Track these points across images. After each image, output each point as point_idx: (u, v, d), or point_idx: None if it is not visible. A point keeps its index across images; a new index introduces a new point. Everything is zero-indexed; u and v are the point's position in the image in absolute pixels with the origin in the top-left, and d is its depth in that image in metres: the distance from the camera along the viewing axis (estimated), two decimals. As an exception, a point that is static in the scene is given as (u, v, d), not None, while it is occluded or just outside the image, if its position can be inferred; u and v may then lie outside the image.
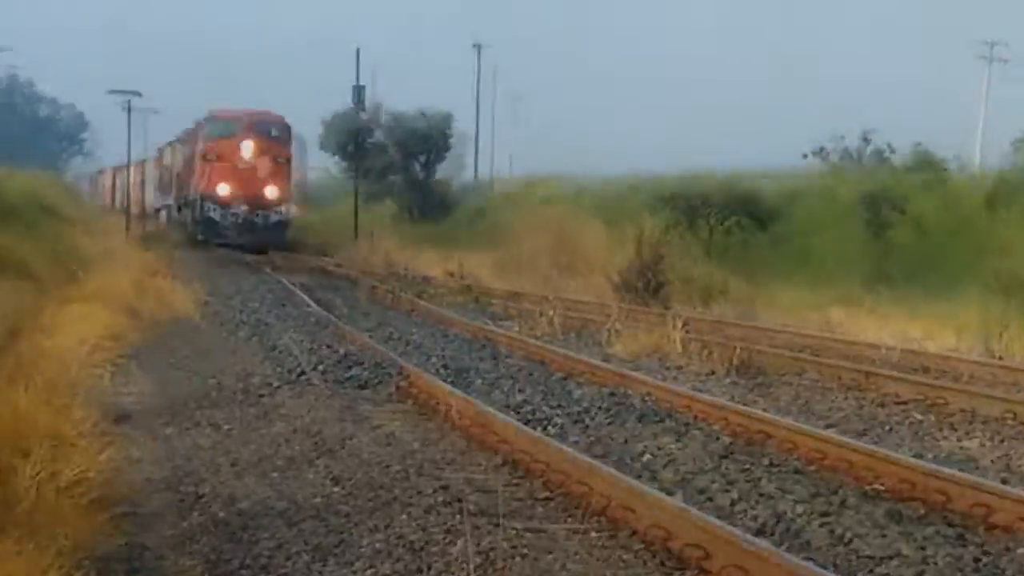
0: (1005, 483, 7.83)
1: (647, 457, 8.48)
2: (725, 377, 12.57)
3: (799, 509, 7.04)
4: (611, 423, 9.70)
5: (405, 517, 6.64)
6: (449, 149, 47.55)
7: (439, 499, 7.00)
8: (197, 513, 6.72)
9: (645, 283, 20.20)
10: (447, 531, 6.35)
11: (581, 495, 7.01)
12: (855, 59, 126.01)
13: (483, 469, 7.88)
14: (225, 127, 34.52)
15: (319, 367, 12.07)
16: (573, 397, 10.89)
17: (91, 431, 7.81)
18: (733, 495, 7.37)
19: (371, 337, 14.81)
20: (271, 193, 34.20)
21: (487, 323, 17.35)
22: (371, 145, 44.58)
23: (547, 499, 7.13)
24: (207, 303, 18.33)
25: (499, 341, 15.13)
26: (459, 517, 6.59)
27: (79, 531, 5.82)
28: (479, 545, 6.08)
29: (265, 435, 8.89)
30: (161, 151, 44.88)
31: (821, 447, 8.46)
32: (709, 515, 6.45)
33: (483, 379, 11.92)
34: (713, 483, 7.68)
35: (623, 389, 11.13)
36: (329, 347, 13.68)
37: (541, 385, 11.59)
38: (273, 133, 34.90)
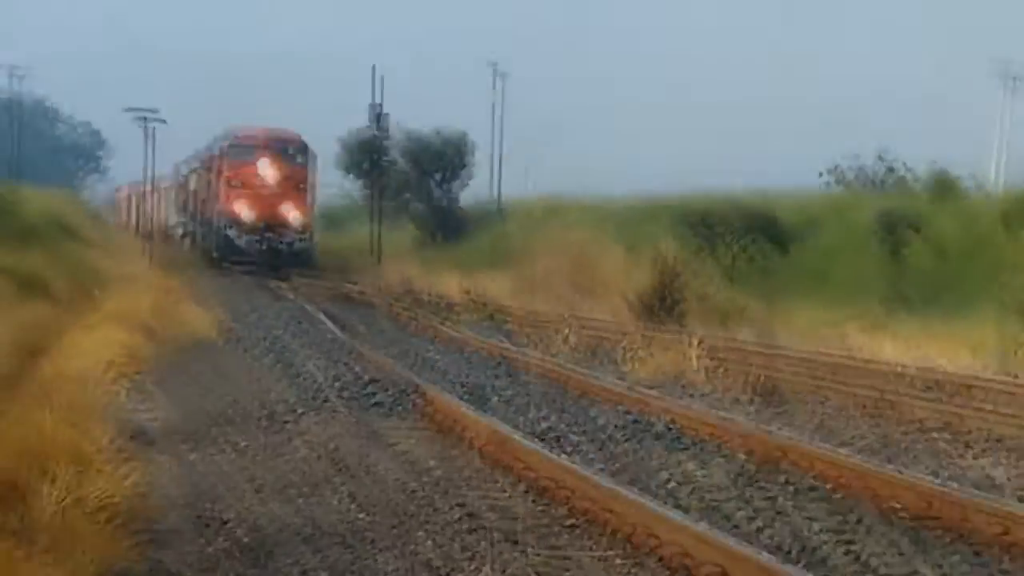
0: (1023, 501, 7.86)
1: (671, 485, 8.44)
2: (749, 404, 12.50)
3: (824, 537, 7.01)
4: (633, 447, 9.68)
5: (431, 543, 6.63)
6: (465, 167, 47.72)
7: (464, 527, 6.98)
8: (222, 538, 6.71)
9: (661, 302, 20.20)
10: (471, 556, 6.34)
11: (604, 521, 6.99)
12: (857, 61, 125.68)
13: (507, 496, 7.86)
14: (247, 152, 34.88)
15: (343, 393, 12.07)
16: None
17: (116, 456, 7.81)
18: (759, 523, 7.33)
19: (393, 360, 14.83)
20: (294, 219, 34.80)
21: (502, 340, 17.46)
22: (386, 163, 44.55)
23: (572, 526, 7.11)
24: (232, 328, 18.30)
25: (516, 361, 15.30)
26: (483, 544, 6.58)
27: (104, 556, 5.82)
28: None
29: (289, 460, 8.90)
30: (183, 175, 44.91)
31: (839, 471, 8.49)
32: (731, 540, 6.43)
33: (500, 397, 12.14)
34: (739, 510, 7.64)
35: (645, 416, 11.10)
36: (348, 367, 13.78)
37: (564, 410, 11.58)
38: (297, 159, 35.48)
